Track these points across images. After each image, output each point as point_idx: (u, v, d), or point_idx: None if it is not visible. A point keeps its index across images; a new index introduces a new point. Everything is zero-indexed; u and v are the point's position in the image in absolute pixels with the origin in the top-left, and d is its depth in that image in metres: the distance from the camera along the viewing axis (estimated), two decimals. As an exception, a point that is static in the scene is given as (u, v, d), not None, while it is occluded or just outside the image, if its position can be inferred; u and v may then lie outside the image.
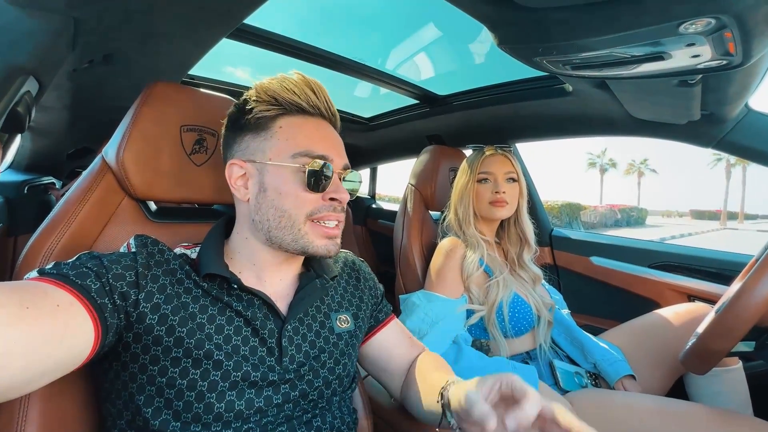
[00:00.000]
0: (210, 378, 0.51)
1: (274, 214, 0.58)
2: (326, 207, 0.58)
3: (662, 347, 1.05)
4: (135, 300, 0.51)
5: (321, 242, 0.59)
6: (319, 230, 0.58)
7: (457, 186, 1.23)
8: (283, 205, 0.57)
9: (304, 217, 0.57)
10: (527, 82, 1.32)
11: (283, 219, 0.57)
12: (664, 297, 1.32)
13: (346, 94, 1.88)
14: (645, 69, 0.70)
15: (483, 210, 1.18)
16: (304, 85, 0.60)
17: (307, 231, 0.58)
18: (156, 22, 0.73)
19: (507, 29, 0.70)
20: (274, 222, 0.58)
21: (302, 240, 0.58)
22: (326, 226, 0.59)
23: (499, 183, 1.16)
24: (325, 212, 0.58)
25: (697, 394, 1.01)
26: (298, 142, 0.58)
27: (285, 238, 0.58)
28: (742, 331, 0.69)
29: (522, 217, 1.21)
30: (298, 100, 0.59)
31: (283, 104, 0.59)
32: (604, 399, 0.92)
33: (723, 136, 1.09)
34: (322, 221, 0.59)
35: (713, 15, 0.49)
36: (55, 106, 1.07)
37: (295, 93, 0.59)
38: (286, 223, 0.57)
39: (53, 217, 0.64)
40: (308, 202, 0.57)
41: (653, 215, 56.43)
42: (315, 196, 0.58)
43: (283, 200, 0.57)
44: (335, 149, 0.61)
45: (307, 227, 0.58)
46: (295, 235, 0.58)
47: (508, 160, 1.20)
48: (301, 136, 0.59)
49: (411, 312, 1.09)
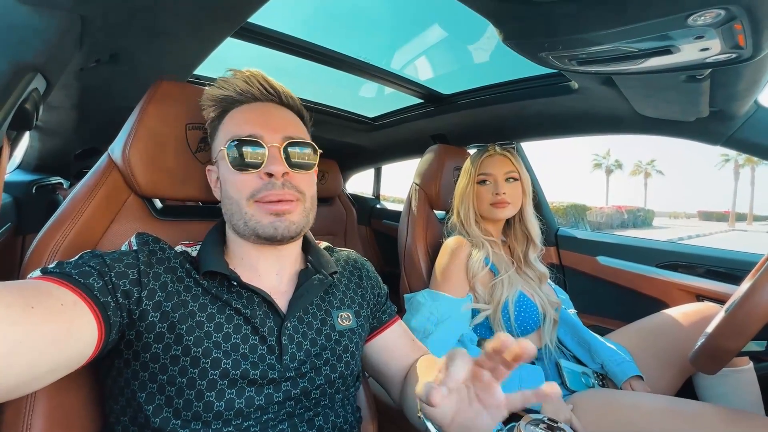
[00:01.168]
0: (208, 377, 0.51)
1: (227, 204, 0.60)
2: (265, 185, 0.57)
3: (671, 347, 1.03)
4: (138, 298, 0.51)
5: (267, 220, 0.57)
6: (264, 208, 0.57)
7: (458, 188, 1.24)
8: (229, 192, 0.59)
9: (245, 200, 0.58)
10: (532, 80, 1.31)
11: (232, 206, 0.59)
12: (672, 297, 1.30)
13: (351, 94, 1.88)
14: (652, 63, 0.69)
15: (484, 211, 1.19)
16: (237, 78, 0.62)
17: (253, 212, 0.58)
18: (161, 20, 0.73)
19: (512, 24, 0.69)
20: (228, 211, 0.60)
21: (251, 222, 0.58)
22: (272, 203, 0.57)
23: (499, 184, 1.16)
24: (264, 191, 0.57)
25: (706, 395, 0.99)
26: (233, 128, 0.60)
27: (238, 224, 0.59)
28: (753, 330, 0.68)
29: (526, 216, 1.20)
30: (229, 93, 0.62)
31: (221, 102, 0.63)
32: (612, 399, 0.90)
33: (732, 133, 1.07)
34: (265, 200, 0.57)
35: (723, 6, 0.48)
36: (63, 106, 1.08)
37: (226, 88, 0.62)
38: (235, 209, 0.59)
39: (60, 214, 0.64)
40: (246, 184, 0.58)
41: (660, 216, 55.94)
42: (251, 176, 0.58)
43: (228, 188, 0.60)
44: (266, 125, 0.60)
45: (253, 209, 0.58)
46: (244, 218, 0.58)
47: (508, 160, 1.19)
48: (232, 124, 0.61)
49: (416, 311, 1.08)
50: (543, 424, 0.61)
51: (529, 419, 0.61)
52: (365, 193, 2.84)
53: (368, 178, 2.76)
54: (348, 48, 1.30)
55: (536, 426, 0.59)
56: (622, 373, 1.01)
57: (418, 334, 1.01)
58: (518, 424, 0.59)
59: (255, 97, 0.62)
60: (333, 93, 1.80)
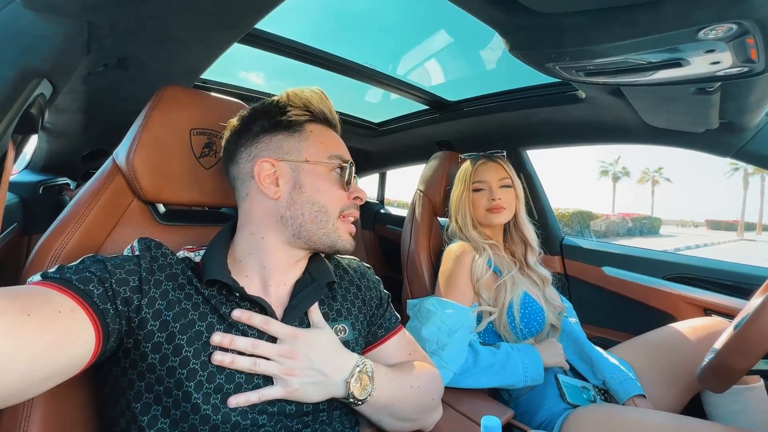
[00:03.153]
0: (203, 390, 0.51)
1: (310, 210, 0.61)
2: (351, 204, 0.65)
3: (678, 363, 1.01)
4: (138, 305, 0.51)
5: (347, 237, 0.65)
6: (346, 226, 0.65)
7: (453, 196, 1.25)
8: (321, 201, 0.61)
9: (337, 213, 0.63)
10: (539, 89, 1.30)
11: (320, 214, 0.61)
12: (679, 310, 1.28)
13: (357, 100, 1.89)
14: (661, 76, 0.68)
15: (481, 218, 1.20)
16: (326, 98, 0.67)
17: (338, 227, 0.63)
18: (169, 27, 0.73)
19: (519, 34, 0.69)
20: (310, 217, 0.61)
21: (333, 234, 0.63)
22: (350, 222, 0.65)
23: (494, 191, 1.18)
24: (351, 209, 0.65)
25: (715, 413, 0.97)
26: (330, 147, 0.64)
27: (317, 233, 0.62)
28: (763, 349, 0.66)
29: (521, 221, 1.22)
30: (325, 111, 0.65)
31: (314, 112, 0.65)
32: (616, 415, 0.88)
33: (742, 146, 1.06)
34: (348, 218, 0.65)
35: (735, 20, 0.47)
36: (70, 109, 1.09)
37: (322, 104, 0.65)
38: (323, 217, 0.62)
39: (63, 218, 0.64)
40: (341, 199, 0.63)
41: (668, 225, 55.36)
42: (344, 194, 0.64)
43: (321, 196, 0.62)
44: (347, 153, 0.67)
45: (338, 223, 0.63)
46: (328, 229, 0.62)
47: (501, 167, 1.21)
48: (330, 141, 0.65)
49: (426, 320, 1.06)
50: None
51: None
52: (369, 197, 2.84)
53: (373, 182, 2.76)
54: (354, 54, 1.31)
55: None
56: (624, 392, 0.98)
57: (430, 344, 1.00)
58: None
59: (336, 127, 0.69)
60: (338, 98, 1.80)
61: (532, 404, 1.00)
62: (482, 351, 1.01)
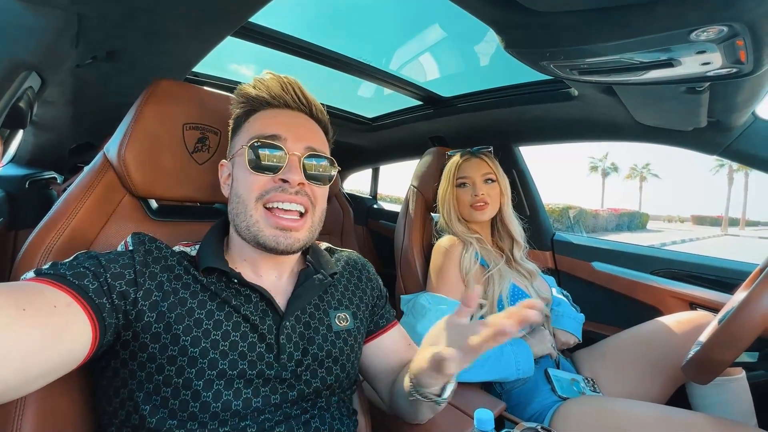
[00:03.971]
0: (205, 377, 0.51)
1: (234, 202, 0.59)
2: (275, 188, 0.57)
3: (664, 355, 1.04)
4: (134, 298, 0.51)
5: (270, 232, 0.56)
6: (271, 219, 0.56)
7: (439, 192, 1.28)
8: (238, 190, 0.58)
9: (254, 201, 0.57)
10: (532, 86, 1.31)
11: (239, 204, 0.58)
12: (666, 304, 1.31)
13: (350, 94, 1.88)
14: (653, 75, 0.69)
15: (465, 213, 1.23)
16: (273, 81, 0.62)
17: (258, 218, 0.57)
18: (160, 20, 0.72)
19: (514, 33, 0.69)
20: (234, 209, 0.59)
21: (254, 227, 0.57)
22: (279, 215, 0.56)
23: (477, 186, 1.20)
24: (273, 193, 0.56)
25: (699, 404, 1.00)
26: (254, 129, 0.60)
27: (240, 225, 0.58)
28: (746, 342, 0.68)
29: (506, 216, 1.24)
30: (262, 95, 0.61)
31: (252, 101, 0.62)
32: (603, 406, 0.91)
33: (729, 144, 1.08)
34: (272, 204, 0.57)
35: (726, 23, 0.48)
36: (58, 101, 1.07)
37: (261, 89, 0.61)
38: (241, 208, 0.58)
39: (53, 214, 0.63)
40: (257, 184, 0.57)
41: (655, 220, 56.31)
42: (265, 177, 0.57)
43: (238, 185, 0.59)
44: (292, 130, 0.60)
45: (259, 214, 0.57)
46: (247, 221, 0.57)
47: (485, 162, 1.23)
48: (257, 123, 0.61)
49: (421, 315, 1.08)
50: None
51: (523, 427, 0.61)
52: (362, 192, 2.83)
53: (366, 177, 2.76)
54: (347, 48, 1.30)
55: (529, 434, 0.59)
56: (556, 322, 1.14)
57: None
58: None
59: (287, 103, 0.62)
60: (331, 92, 1.79)
61: (524, 397, 1.02)
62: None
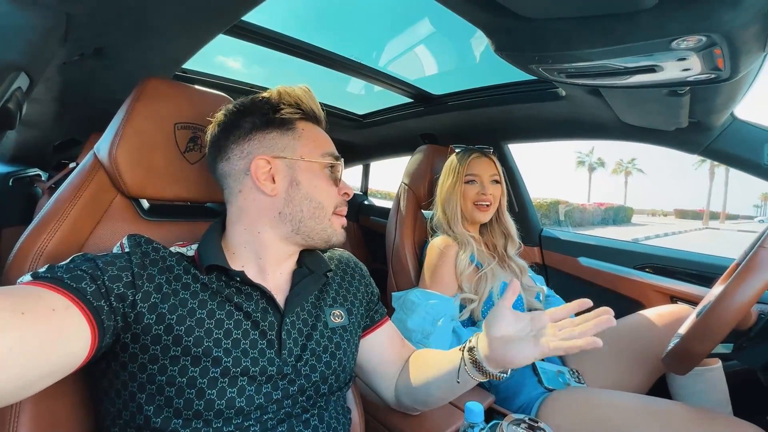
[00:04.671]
0: (209, 375, 0.52)
1: (308, 206, 0.63)
2: (342, 201, 0.68)
3: (645, 347, 1.08)
4: (132, 301, 0.51)
5: (341, 231, 0.68)
6: (339, 221, 0.67)
7: (443, 186, 1.27)
8: (318, 197, 0.63)
9: (332, 209, 0.65)
10: (521, 85, 1.33)
11: (317, 210, 0.63)
12: (648, 298, 1.36)
13: (340, 91, 1.87)
14: (637, 80, 0.72)
15: (468, 211, 1.24)
16: (313, 96, 0.68)
17: (332, 221, 0.66)
18: (150, 19, 0.71)
19: (504, 36, 0.70)
20: (308, 213, 0.63)
21: (329, 229, 0.65)
22: (341, 218, 0.68)
23: (485, 185, 1.23)
24: (342, 205, 0.68)
25: (679, 393, 1.04)
26: (322, 144, 0.66)
27: (315, 228, 0.64)
28: (722, 334, 0.72)
29: (503, 215, 1.29)
30: (314, 109, 0.67)
31: (305, 110, 0.66)
32: (588, 397, 0.94)
33: (709, 144, 1.12)
34: (341, 211, 0.67)
35: (704, 33, 0.50)
36: (43, 98, 1.04)
37: (311, 102, 0.66)
38: (320, 213, 0.64)
39: (44, 215, 0.63)
40: (334, 196, 0.66)
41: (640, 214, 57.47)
42: (335, 189, 0.66)
43: (318, 193, 0.64)
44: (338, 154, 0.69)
45: (333, 218, 0.66)
46: (324, 224, 0.65)
47: (492, 163, 1.26)
48: (321, 139, 0.66)
49: (411, 311, 1.10)
50: (524, 423, 0.63)
51: (512, 419, 0.63)
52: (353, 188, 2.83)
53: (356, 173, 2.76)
54: (337, 45, 1.29)
55: (518, 426, 0.62)
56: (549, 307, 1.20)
57: (416, 334, 1.03)
58: (500, 424, 0.62)
59: (322, 124, 0.70)
60: (321, 89, 1.78)
61: (512, 390, 1.05)
62: (465, 335, 1.05)
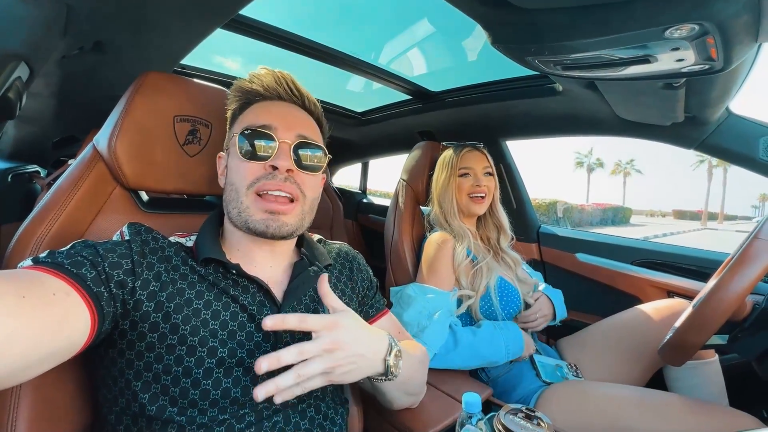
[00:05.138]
0: (205, 365, 0.52)
1: (228, 190, 0.62)
2: (266, 176, 0.59)
3: (642, 341, 1.09)
4: (132, 288, 0.51)
5: (259, 216, 0.58)
6: (260, 204, 0.58)
7: (438, 181, 1.29)
8: (232, 178, 0.61)
9: (245, 188, 0.59)
10: (519, 81, 1.34)
11: (231, 192, 0.60)
12: (646, 293, 1.36)
13: (339, 88, 1.88)
14: (632, 71, 0.72)
15: (463, 203, 1.26)
16: (268, 75, 0.65)
17: (248, 204, 0.59)
18: (149, 13, 0.72)
19: (501, 29, 0.71)
20: (227, 197, 0.61)
21: (244, 213, 0.59)
22: (268, 200, 0.58)
23: (479, 177, 1.25)
24: (264, 181, 0.58)
25: (675, 386, 1.05)
26: (246, 120, 0.62)
27: (233, 212, 0.60)
28: (716, 325, 0.72)
29: (496, 208, 1.31)
30: (256, 87, 0.64)
31: (247, 94, 0.65)
32: (585, 389, 0.95)
33: (705, 138, 1.13)
34: (263, 191, 0.58)
35: (697, 21, 0.51)
36: (42, 93, 1.05)
37: (254, 83, 0.64)
38: (234, 195, 0.60)
39: (43, 206, 0.63)
40: (249, 172, 0.59)
41: (638, 214, 57.57)
42: (256, 165, 0.59)
43: (232, 174, 0.61)
44: (283, 120, 0.62)
45: (249, 200, 0.59)
46: (239, 207, 0.59)
47: (484, 156, 1.29)
48: (251, 115, 0.63)
49: (407, 305, 1.11)
50: (521, 413, 0.63)
51: (509, 409, 0.64)
52: (352, 186, 2.84)
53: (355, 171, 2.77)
54: (337, 42, 1.30)
55: (515, 415, 0.62)
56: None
57: (411, 328, 1.04)
58: (498, 414, 0.62)
59: (280, 95, 0.65)
60: (320, 86, 1.79)
61: (510, 383, 1.06)
62: (461, 331, 1.06)
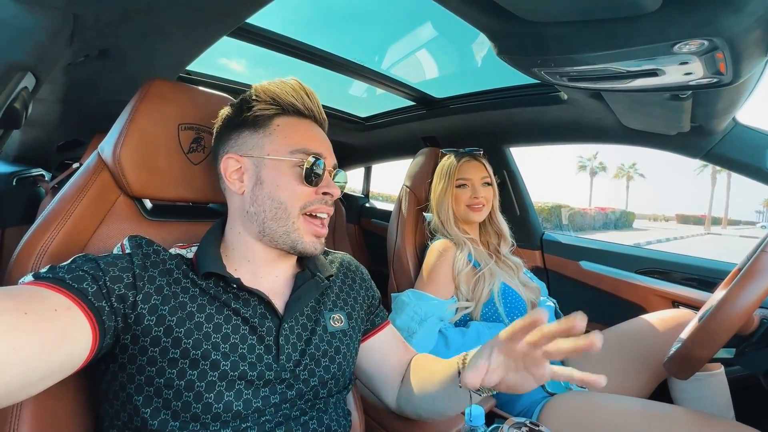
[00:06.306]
0: (207, 378, 0.52)
1: (270, 206, 0.60)
2: (318, 200, 0.62)
3: (647, 352, 1.08)
4: (133, 302, 0.51)
5: (309, 239, 0.61)
6: (310, 227, 0.61)
7: (435, 191, 1.30)
8: (280, 197, 0.60)
9: (298, 210, 0.60)
10: (523, 89, 1.34)
11: (279, 210, 0.60)
12: (650, 302, 1.35)
13: (342, 93, 1.88)
14: (639, 83, 0.72)
15: (461, 213, 1.26)
16: (300, 89, 0.64)
17: (299, 226, 0.60)
18: (155, 21, 0.72)
19: (507, 40, 0.71)
20: (270, 213, 0.60)
21: (294, 234, 0.60)
22: (317, 225, 0.62)
23: (477, 188, 1.25)
24: (317, 204, 0.61)
25: (680, 398, 1.03)
26: (296, 140, 0.62)
27: (278, 231, 0.60)
28: (723, 339, 0.72)
29: (496, 216, 1.31)
30: (295, 102, 0.63)
31: (282, 105, 0.63)
32: (589, 401, 0.94)
33: (711, 148, 1.12)
34: (314, 214, 0.62)
35: (706, 37, 0.50)
36: (47, 99, 1.05)
37: (292, 95, 0.63)
38: (282, 214, 0.60)
39: (47, 215, 0.63)
40: (303, 195, 0.61)
41: (641, 219, 57.34)
42: (309, 189, 0.61)
43: (280, 192, 0.60)
44: (327, 149, 0.65)
45: (300, 222, 0.61)
46: (288, 228, 0.60)
47: (483, 166, 1.28)
48: (298, 134, 0.63)
49: (401, 310, 1.11)
50: (525, 427, 0.63)
51: (512, 422, 0.63)
52: (354, 191, 2.84)
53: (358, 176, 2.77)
54: (341, 49, 1.30)
55: (518, 429, 0.62)
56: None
57: (402, 332, 1.04)
58: (501, 427, 0.61)
59: (315, 117, 0.66)
60: (323, 90, 1.79)
61: (513, 394, 1.05)
62: (451, 334, 1.07)
